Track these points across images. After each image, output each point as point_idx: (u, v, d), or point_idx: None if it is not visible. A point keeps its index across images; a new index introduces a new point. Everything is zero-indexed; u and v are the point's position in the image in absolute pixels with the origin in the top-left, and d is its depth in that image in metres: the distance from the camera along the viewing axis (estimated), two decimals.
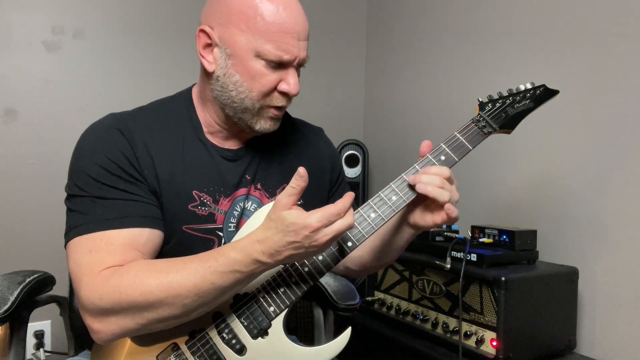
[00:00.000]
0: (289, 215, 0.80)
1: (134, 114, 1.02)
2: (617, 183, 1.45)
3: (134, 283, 0.83)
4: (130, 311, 0.84)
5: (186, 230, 0.98)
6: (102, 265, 0.86)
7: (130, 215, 0.91)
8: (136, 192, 0.93)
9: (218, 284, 0.83)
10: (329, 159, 1.18)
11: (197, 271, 0.83)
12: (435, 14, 2.08)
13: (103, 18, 1.90)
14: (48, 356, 1.73)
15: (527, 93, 1.04)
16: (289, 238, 0.80)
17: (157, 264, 0.88)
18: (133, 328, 0.86)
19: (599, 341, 1.47)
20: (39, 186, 1.81)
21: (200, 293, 0.83)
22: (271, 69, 0.94)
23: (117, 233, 0.89)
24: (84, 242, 0.89)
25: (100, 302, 0.84)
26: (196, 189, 0.99)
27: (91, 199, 0.91)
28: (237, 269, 0.83)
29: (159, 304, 0.83)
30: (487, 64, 1.84)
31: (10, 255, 1.75)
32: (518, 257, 1.47)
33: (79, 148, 0.97)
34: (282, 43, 0.92)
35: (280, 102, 0.97)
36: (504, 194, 1.77)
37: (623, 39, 1.44)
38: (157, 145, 0.98)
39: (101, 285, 0.85)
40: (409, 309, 1.59)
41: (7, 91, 1.77)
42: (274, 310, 0.93)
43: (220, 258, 0.83)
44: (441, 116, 2.04)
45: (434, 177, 0.91)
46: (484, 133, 0.99)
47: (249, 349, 0.93)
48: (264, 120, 0.99)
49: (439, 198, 0.90)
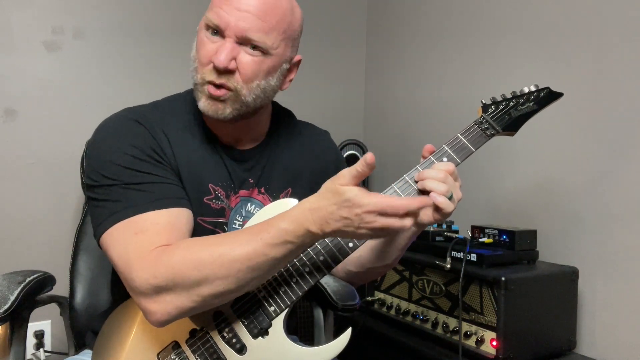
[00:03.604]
0: (349, 190, 0.78)
1: (150, 108, 1.03)
2: (617, 183, 1.45)
3: (186, 258, 0.83)
4: (185, 287, 0.83)
5: (200, 222, 0.99)
6: (151, 245, 0.86)
7: (166, 196, 0.91)
8: (166, 175, 0.94)
9: (271, 255, 0.82)
10: (334, 164, 1.18)
11: (248, 243, 0.82)
12: (436, 14, 2.08)
13: (103, 18, 1.90)
14: (48, 356, 1.73)
15: (531, 95, 1.05)
16: (342, 212, 0.78)
17: (207, 239, 0.88)
18: (189, 306, 0.85)
19: (599, 341, 1.47)
20: (39, 186, 1.80)
21: (253, 265, 0.83)
22: (212, 39, 0.93)
23: (159, 214, 0.89)
24: (127, 226, 0.88)
25: (154, 281, 0.83)
26: (212, 182, 1.00)
27: (123, 186, 0.91)
28: (288, 240, 0.81)
29: (214, 277, 0.82)
30: (487, 64, 1.84)
31: (10, 255, 1.75)
32: (518, 257, 1.47)
33: (99, 140, 0.97)
34: (217, 9, 0.92)
35: (210, 75, 0.93)
36: (504, 194, 1.77)
37: (623, 40, 1.44)
38: (174, 136, 0.98)
39: (154, 263, 0.84)
40: (409, 309, 1.59)
41: (7, 91, 1.76)
42: (275, 310, 0.93)
43: (272, 229, 0.82)
44: (441, 116, 2.04)
45: (437, 171, 0.90)
46: (486, 135, 0.99)
47: (249, 349, 0.93)
48: (204, 97, 0.95)
49: (436, 190, 0.88)
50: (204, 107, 0.95)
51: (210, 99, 0.95)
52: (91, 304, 1.33)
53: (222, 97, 0.94)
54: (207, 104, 0.95)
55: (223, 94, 0.94)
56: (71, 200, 1.81)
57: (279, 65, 0.98)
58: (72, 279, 1.37)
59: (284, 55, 0.98)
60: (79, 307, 1.34)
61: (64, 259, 1.47)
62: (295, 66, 1.05)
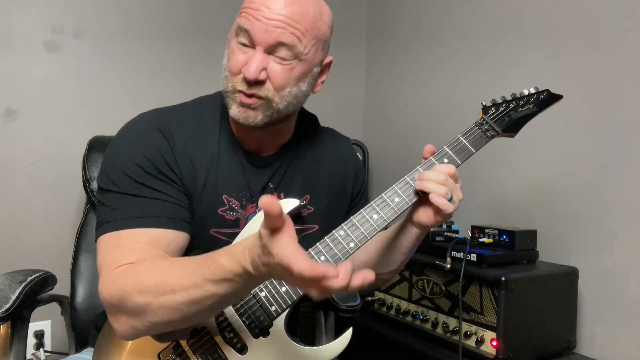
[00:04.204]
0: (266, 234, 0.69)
1: (177, 112, 1.02)
2: (617, 183, 1.45)
3: (135, 282, 0.81)
4: (133, 312, 0.81)
5: (213, 233, 0.98)
6: (120, 262, 0.85)
7: (159, 215, 0.91)
8: (168, 193, 0.93)
9: (211, 291, 0.77)
10: (353, 170, 1.17)
11: (190, 276, 0.78)
12: (436, 14, 2.08)
13: (103, 18, 1.89)
14: (48, 356, 1.73)
15: (531, 97, 1.06)
16: (264, 259, 0.70)
17: (159, 264, 0.85)
18: (143, 330, 0.83)
19: (599, 341, 1.47)
20: (39, 186, 1.80)
21: (194, 299, 0.78)
22: (243, 49, 0.92)
23: (144, 232, 0.89)
24: (112, 239, 0.89)
25: (109, 299, 0.83)
26: (226, 194, 0.99)
27: (123, 195, 0.91)
28: (227, 278, 0.75)
29: (157, 305, 0.79)
30: (487, 63, 1.85)
31: (11, 255, 1.75)
32: (518, 257, 1.47)
33: (117, 142, 0.97)
34: (247, 16, 0.90)
35: (239, 85, 0.92)
36: (504, 194, 1.78)
37: (623, 40, 1.44)
38: (196, 147, 0.97)
39: (113, 282, 0.84)
40: (409, 309, 1.59)
41: (7, 91, 1.76)
42: (276, 310, 0.93)
43: (212, 264, 0.77)
44: (441, 116, 2.04)
45: (437, 173, 0.90)
46: (487, 136, 1.00)
47: (250, 348, 0.93)
48: (235, 105, 0.94)
49: (435, 192, 0.89)
50: (236, 115, 0.94)
51: (241, 106, 0.94)
52: (92, 304, 1.33)
53: (253, 105, 0.93)
54: (239, 111, 0.94)
55: (254, 102, 0.93)
56: (72, 199, 1.81)
57: (309, 70, 0.96)
58: (73, 278, 1.37)
59: (315, 59, 0.96)
60: (80, 307, 1.34)
61: (65, 258, 1.47)
62: (326, 67, 1.02)
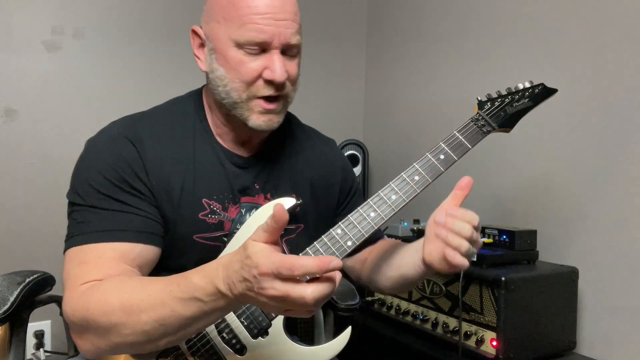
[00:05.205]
0: (253, 246, 0.68)
1: (147, 118, 1.00)
2: (617, 183, 1.45)
3: (100, 301, 0.78)
4: (97, 332, 0.79)
5: (197, 239, 0.96)
6: (85, 279, 0.83)
7: (125, 229, 0.88)
8: (136, 205, 0.90)
9: (178, 311, 0.73)
10: (341, 171, 1.15)
11: (158, 294, 0.75)
12: (435, 14, 2.08)
13: (103, 18, 1.90)
14: (48, 356, 1.73)
15: (526, 92, 1.05)
16: (244, 273, 0.67)
17: (127, 282, 0.82)
18: (105, 349, 0.81)
19: (599, 341, 1.47)
20: (39, 186, 1.81)
21: (160, 320, 0.74)
22: (252, 56, 0.90)
23: (109, 246, 0.86)
24: (76, 253, 0.87)
25: (73, 317, 0.81)
26: (205, 197, 0.96)
27: (89, 208, 0.89)
28: (197, 297, 0.72)
29: (122, 326, 0.76)
30: (486, 63, 1.84)
31: (10, 256, 1.75)
32: (518, 257, 1.47)
33: (85, 155, 0.95)
34: (254, 24, 0.88)
35: (266, 91, 0.91)
36: (504, 194, 1.77)
37: (621, 39, 1.44)
38: (169, 153, 0.95)
39: (75, 299, 0.82)
40: (409, 309, 1.59)
41: (7, 91, 1.77)
42: None
43: (183, 282, 0.74)
44: (441, 115, 2.04)
45: (463, 225, 0.85)
46: (483, 132, 0.99)
47: (249, 349, 0.93)
48: (255, 115, 0.93)
49: (458, 249, 0.84)
50: (257, 124, 0.93)
51: (265, 114, 0.93)
52: None
53: (277, 110, 0.94)
54: (263, 120, 0.93)
55: (276, 106, 0.93)
56: None
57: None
58: None
59: None
60: None
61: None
62: None
